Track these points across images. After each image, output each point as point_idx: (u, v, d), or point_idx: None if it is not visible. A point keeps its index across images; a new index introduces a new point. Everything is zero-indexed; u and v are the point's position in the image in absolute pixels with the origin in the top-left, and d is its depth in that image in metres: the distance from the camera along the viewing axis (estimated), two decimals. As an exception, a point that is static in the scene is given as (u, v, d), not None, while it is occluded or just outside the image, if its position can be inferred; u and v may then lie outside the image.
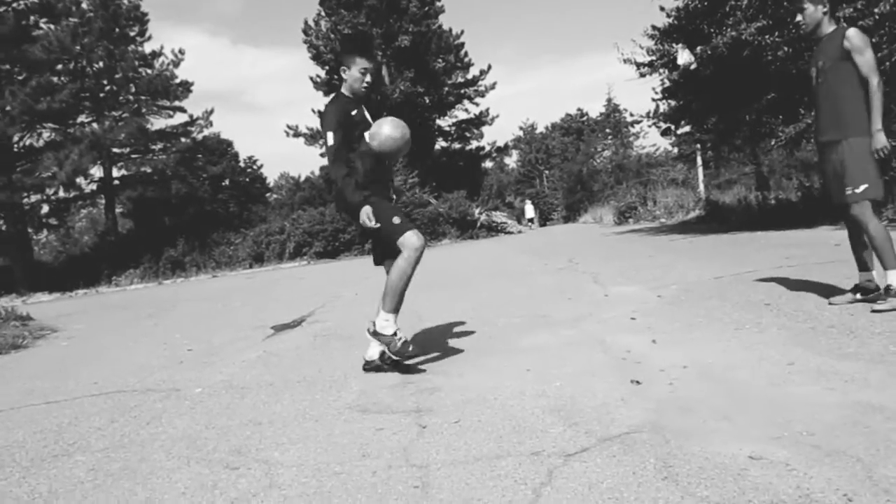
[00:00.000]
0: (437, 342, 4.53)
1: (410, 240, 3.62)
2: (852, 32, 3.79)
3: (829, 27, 3.97)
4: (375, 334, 3.67)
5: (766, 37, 9.77)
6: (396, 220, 3.65)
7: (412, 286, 3.73)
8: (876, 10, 9.12)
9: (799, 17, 4.07)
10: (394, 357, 3.67)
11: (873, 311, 3.73)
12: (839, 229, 8.68)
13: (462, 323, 5.23)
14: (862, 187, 3.78)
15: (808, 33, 4.08)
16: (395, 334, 3.62)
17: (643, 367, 3.20)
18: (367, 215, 3.54)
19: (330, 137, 3.60)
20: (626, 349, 3.62)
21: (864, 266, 4.03)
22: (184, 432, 3.05)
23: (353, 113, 3.73)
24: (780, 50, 9.82)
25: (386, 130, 3.65)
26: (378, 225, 3.57)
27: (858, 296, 4.00)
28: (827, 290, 4.51)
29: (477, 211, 28.02)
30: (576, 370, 3.31)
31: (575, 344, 3.94)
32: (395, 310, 3.67)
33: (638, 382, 2.94)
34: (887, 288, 3.76)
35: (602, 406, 2.68)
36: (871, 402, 2.36)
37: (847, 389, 2.53)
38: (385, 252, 3.87)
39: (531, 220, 41.72)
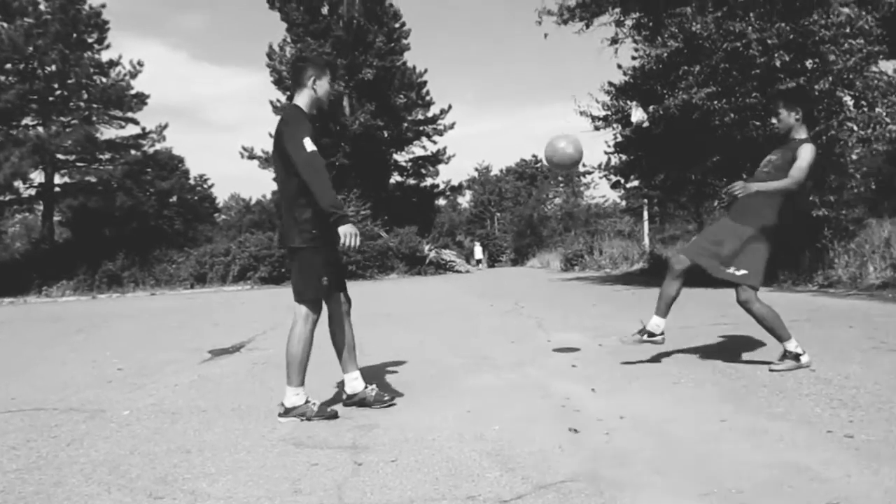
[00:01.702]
0: (378, 378, 4.48)
1: (314, 311, 3.44)
2: (808, 146, 4.05)
3: (801, 133, 4.20)
4: (287, 412, 3.38)
5: (715, 102, 10.19)
6: (325, 281, 3.41)
7: (356, 318, 3.69)
8: (816, 87, 9.63)
9: (773, 120, 4.32)
10: (313, 420, 3.37)
11: (771, 370, 4.02)
12: (772, 291, 9.01)
13: (405, 360, 5.19)
14: (742, 272, 4.05)
15: (781, 136, 4.28)
16: (306, 401, 3.40)
17: (581, 416, 3.23)
18: (354, 231, 3.30)
19: (308, 143, 3.28)
20: (566, 396, 3.65)
21: (663, 312, 4.38)
22: (106, 457, 2.93)
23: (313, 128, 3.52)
24: (727, 116, 10.24)
25: (567, 148, 3.97)
26: (357, 244, 3.36)
27: (645, 337, 4.34)
28: (759, 349, 4.65)
29: (427, 248, 28.11)
30: (515, 415, 3.32)
31: (516, 388, 3.96)
32: (302, 381, 3.43)
33: (576, 431, 2.97)
34: (785, 352, 4.06)
35: (539, 453, 2.69)
36: (797, 462, 2.43)
37: (776, 449, 2.60)
38: (341, 281, 3.64)
39: (479, 261, 42.04)
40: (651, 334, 4.32)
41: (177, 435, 3.24)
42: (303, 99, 3.53)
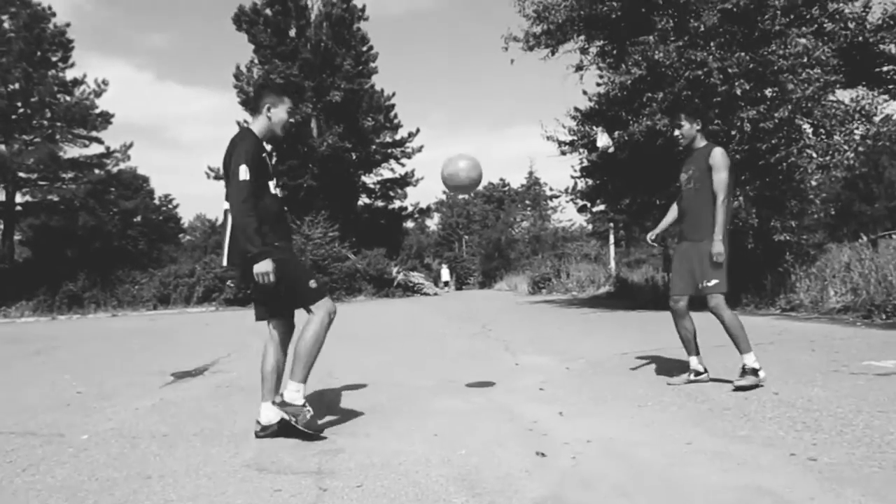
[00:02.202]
0: (345, 400, 4.43)
1: (327, 305, 3.47)
2: (717, 152, 4.31)
3: (701, 142, 4.47)
4: (283, 405, 3.35)
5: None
6: (313, 283, 3.45)
7: (325, 340, 3.64)
8: (776, 115, 9.88)
9: (676, 132, 4.49)
10: (300, 429, 3.31)
11: (736, 385, 4.15)
12: (736, 314, 9.13)
13: (373, 382, 5.15)
14: (714, 282, 4.24)
15: (685, 147, 4.52)
16: (304, 405, 3.36)
17: (548, 439, 3.23)
18: (267, 270, 3.22)
19: (243, 171, 3.26)
20: (533, 420, 3.64)
21: (693, 351, 4.52)
22: (64, 482, 2.84)
23: (264, 154, 3.49)
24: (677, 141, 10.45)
25: (463, 166, 3.90)
26: (272, 282, 3.26)
27: (692, 377, 4.49)
28: (722, 372, 4.71)
29: (395, 270, 28.06)
30: (483, 438, 3.30)
31: (483, 411, 3.94)
32: (306, 378, 3.41)
33: (543, 454, 2.96)
34: (743, 367, 4.21)
35: (506, 477, 2.67)
36: (761, 485, 2.45)
37: (740, 472, 2.62)
38: (277, 309, 3.56)
39: (447, 284, 42.08)
40: (697, 373, 4.50)
41: (137, 460, 3.16)
42: (257, 124, 3.56)
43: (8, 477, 2.94)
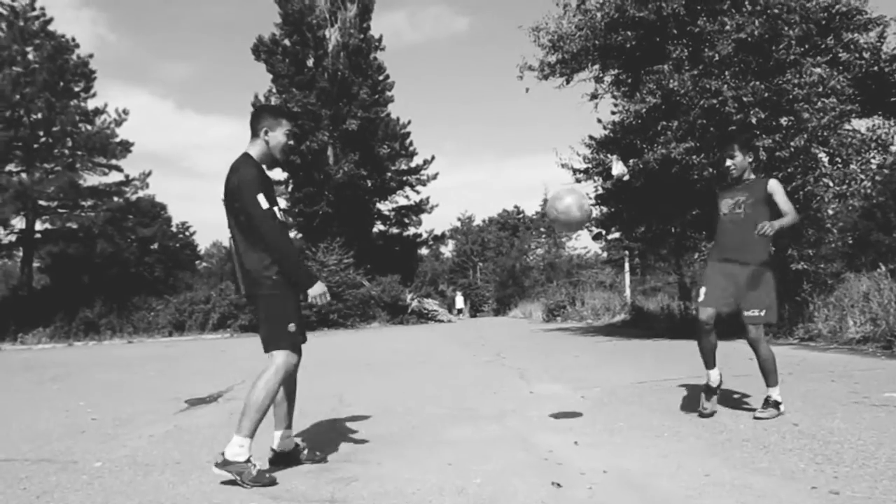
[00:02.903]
0: (357, 428, 4.41)
1: (288, 358, 3.32)
2: (775, 181, 4.33)
3: (750, 174, 4.45)
4: (225, 463, 3.10)
5: (694, 157, 10.38)
6: (292, 327, 3.31)
7: (336, 367, 3.64)
8: (792, 144, 9.86)
9: (729, 163, 4.41)
10: (248, 486, 3.04)
11: (756, 417, 4.13)
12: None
13: (385, 410, 5.12)
14: (763, 311, 4.21)
15: (735, 178, 4.44)
16: (248, 461, 3.11)
17: (564, 469, 3.19)
18: (324, 291, 3.34)
19: (262, 200, 3.20)
20: (549, 449, 3.60)
21: (713, 363, 4.44)
22: (77, 510, 2.84)
23: (266, 180, 3.40)
24: (705, 170, 10.43)
25: (572, 204, 3.85)
26: (327, 301, 3.40)
27: (717, 393, 4.43)
28: (741, 402, 4.64)
29: (409, 297, 28.07)
30: (497, 468, 3.26)
31: (498, 440, 3.90)
32: (253, 432, 3.18)
33: (558, 485, 2.92)
34: (767, 399, 4.22)
35: (521, 507, 2.64)
36: (781, 518, 2.40)
37: (759, 504, 2.57)
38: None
39: (460, 311, 41.99)
40: (717, 386, 4.44)
41: (150, 488, 3.15)
42: (255, 148, 3.44)
43: None
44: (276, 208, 3.35)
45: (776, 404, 4.17)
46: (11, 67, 25.08)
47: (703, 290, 4.44)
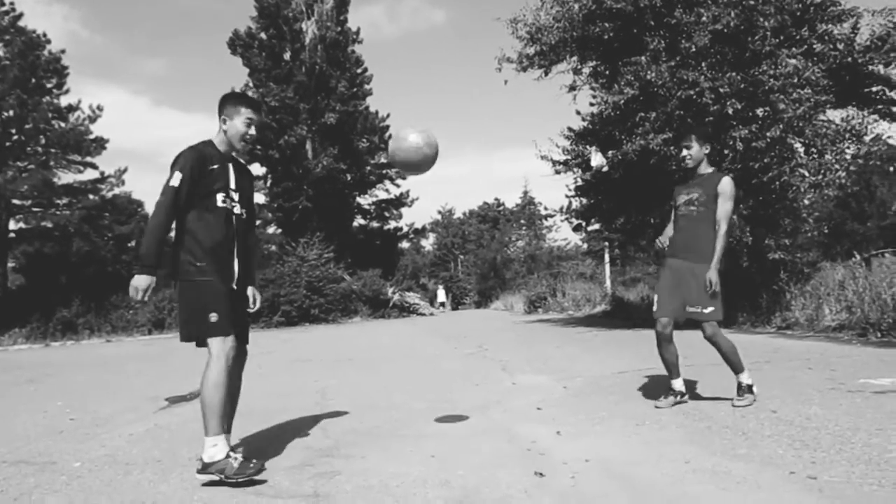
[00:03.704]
0: (340, 423, 4.40)
1: (225, 345, 3.15)
2: (727, 181, 4.32)
3: (707, 168, 4.46)
4: (206, 467, 3.03)
5: (672, 148, 10.47)
6: (213, 317, 3.13)
7: (318, 362, 3.62)
8: (768, 134, 9.96)
9: (685, 153, 4.44)
10: (235, 481, 2.97)
11: (734, 405, 4.17)
12: (732, 332, 9.13)
13: (368, 404, 5.11)
14: (710, 309, 4.20)
15: (690, 169, 4.47)
16: (227, 457, 3.03)
17: (547, 459, 3.21)
18: (137, 286, 3.07)
19: (176, 178, 3.13)
20: (531, 440, 3.62)
21: (677, 373, 4.47)
22: (56, 510, 2.80)
23: (214, 166, 3.28)
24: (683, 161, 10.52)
25: (412, 139, 3.44)
26: (144, 299, 3.13)
27: (678, 398, 4.43)
28: (719, 390, 4.69)
29: (390, 290, 28.02)
30: (480, 459, 3.27)
31: (481, 432, 3.91)
32: (221, 427, 3.10)
33: (541, 475, 2.94)
34: (739, 386, 4.26)
35: (505, 498, 2.65)
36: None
37: (740, 490, 2.60)
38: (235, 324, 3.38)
39: (442, 304, 42.06)
40: (681, 394, 4.45)
41: (130, 487, 3.12)
42: (217, 136, 3.41)
43: (0, 504, 2.91)
44: (220, 195, 3.27)
45: (749, 388, 4.24)
46: (-19, 64, 24.67)
47: (655, 299, 4.47)
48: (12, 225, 27.49)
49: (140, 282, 3.08)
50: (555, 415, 4.31)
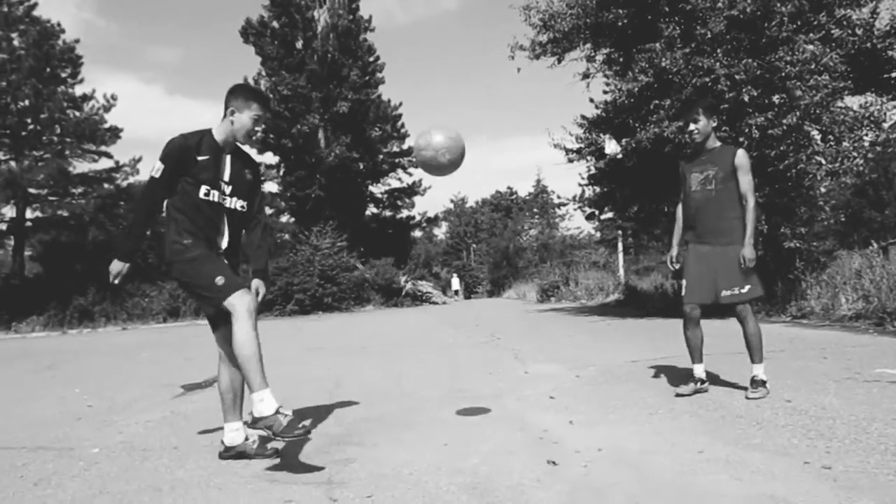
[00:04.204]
0: (354, 411, 4.43)
1: (243, 300, 3.10)
2: (742, 153, 4.23)
3: (715, 142, 4.38)
4: (255, 422, 2.98)
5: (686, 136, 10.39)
6: (220, 280, 3.10)
7: (332, 351, 3.63)
8: (784, 122, 9.84)
9: (692, 127, 4.35)
10: (282, 439, 2.94)
11: (748, 398, 4.09)
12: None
13: (381, 392, 5.14)
14: (747, 287, 4.17)
15: (698, 143, 4.39)
16: (277, 412, 2.94)
17: (560, 448, 3.21)
18: (112, 271, 3.15)
19: (156, 168, 3.13)
20: (544, 428, 3.62)
21: (700, 358, 4.42)
22: (74, 496, 2.84)
23: (203, 157, 3.20)
24: (690, 136, 10.45)
25: (438, 139, 3.32)
26: (115, 282, 3.19)
27: (699, 385, 4.37)
28: (734, 380, 4.67)
29: (403, 279, 28.08)
30: (493, 447, 3.28)
31: (493, 420, 3.92)
32: (263, 383, 3.02)
33: (554, 463, 2.94)
34: (753, 379, 4.17)
35: (518, 486, 2.66)
36: (775, 494, 2.42)
37: (753, 480, 2.59)
38: (215, 320, 3.39)
39: (456, 292, 42.16)
40: (702, 381, 4.40)
41: (147, 473, 3.16)
42: (220, 127, 3.33)
43: (19, 492, 2.95)
44: (214, 190, 3.23)
45: (763, 383, 4.16)
46: (-3, 54, 24.80)
47: (684, 284, 4.40)
48: (29, 214, 27.72)
49: (113, 266, 3.17)
50: (567, 403, 4.31)
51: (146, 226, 3.26)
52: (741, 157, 4.21)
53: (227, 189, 3.30)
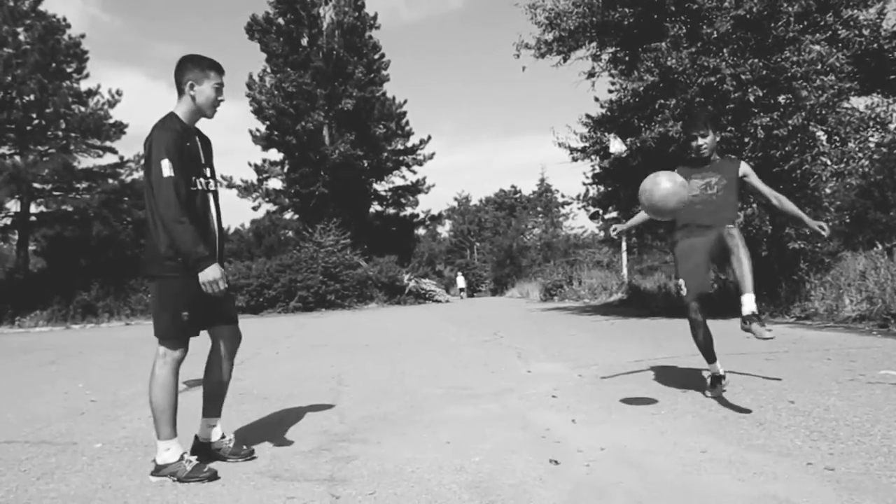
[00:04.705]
0: (356, 409, 4.43)
1: (172, 352, 3.08)
2: (745, 163, 4.41)
3: (715, 154, 4.45)
4: (158, 469, 2.94)
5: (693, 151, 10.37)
6: (185, 316, 3.00)
7: (334, 348, 3.64)
8: (790, 122, 9.82)
9: (701, 142, 4.37)
10: (188, 482, 2.88)
11: (743, 328, 3.66)
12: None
13: (384, 390, 5.14)
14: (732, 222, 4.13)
15: (704, 158, 4.40)
16: (180, 459, 2.94)
17: (562, 447, 3.21)
18: (215, 278, 2.90)
19: (165, 167, 2.84)
20: (546, 427, 3.62)
21: (714, 357, 4.34)
22: (77, 490, 2.85)
23: (188, 144, 3.03)
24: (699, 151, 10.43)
25: (665, 184, 3.59)
26: (222, 290, 2.98)
27: (724, 383, 4.32)
28: (737, 380, 4.66)
29: (406, 277, 28.08)
30: (495, 446, 3.28)
31: (496, 419, 3.92)
32: (172, 432, 2.98)
33: (556, 462, 2.94)
34: (752, 315, 3.64)
35: (520, 485, 2.66)
36: (778, 495, 2.42)
37: (756, 481, 2.59)
38: (210, 316, 3.22)
39: (462, 290, 42.35)
40: (723, 378, 4.35)
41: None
42: (181, 107, 3.09)
43: (22, 486, 2.96)
44: (200, 178, 3.07)
45: (758, 317, 3.65)
46: (2, 48, 24.81)
47: (681, 283, 4.33)
48: (33, 208, 27.78)
49: (211, 273, 2.92)
50: (570, 402, 4.31)
51: (191, 225, 2.90)
52: (746, 167, 4.34)
53: (207, 172, 3.16)
